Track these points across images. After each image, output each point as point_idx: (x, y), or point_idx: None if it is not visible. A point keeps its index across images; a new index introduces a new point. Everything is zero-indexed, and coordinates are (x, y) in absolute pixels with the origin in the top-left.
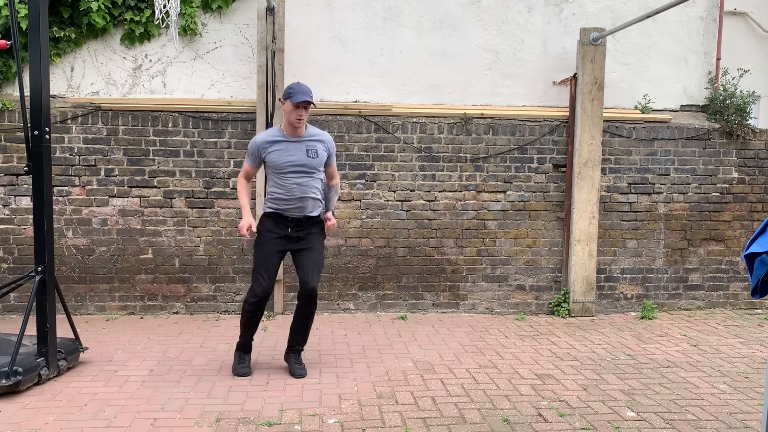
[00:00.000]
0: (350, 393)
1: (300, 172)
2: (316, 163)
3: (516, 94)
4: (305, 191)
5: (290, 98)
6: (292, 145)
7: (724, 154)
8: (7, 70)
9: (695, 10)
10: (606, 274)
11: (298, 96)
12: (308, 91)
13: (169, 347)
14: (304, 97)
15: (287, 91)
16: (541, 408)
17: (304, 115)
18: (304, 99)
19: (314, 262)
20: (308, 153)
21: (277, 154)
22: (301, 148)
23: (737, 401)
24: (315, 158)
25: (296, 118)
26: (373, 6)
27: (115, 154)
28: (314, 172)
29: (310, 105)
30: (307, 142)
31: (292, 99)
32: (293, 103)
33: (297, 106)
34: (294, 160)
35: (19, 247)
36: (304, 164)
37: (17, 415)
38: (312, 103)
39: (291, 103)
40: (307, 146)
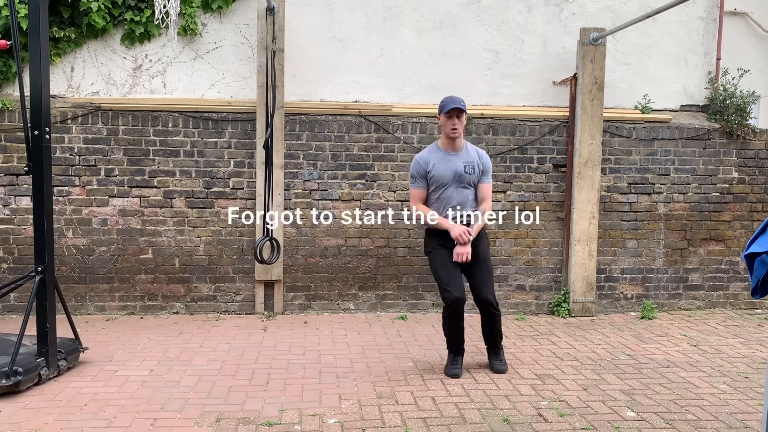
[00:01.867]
0: (350, 393)
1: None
2: (473, 179)
3: (516, 94)
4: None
5: (442, 110)
6: (451, 159)
7: (724, 154)
8: (7, 70)
9: (695, 10)
10: (606, 274)
11: (449, 104)
12: (459, 100)
13: (169, 347)
14: (454, 104)
15: (440, 104)
16: (541, 408)
17: (458, 124)
18: (455, 106)
19: (483, 272)
20: (466, 168)
21: (438, 167)
22: (460, 162)
23: (737, 401)
24: (472, 174)
25: (451, 128)
26: (373, 6)
27: (115, 154)
28: (471, 186)
29: (463, 114)
30: (465, 156)
31: (444, 110)
32: (445, 114)
33: (450, 115)
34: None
35: (19, 247)
36: (462, 179)
37: (17, 415)
38: (464, 111)
39: (443, 115)
40: (466, 161)
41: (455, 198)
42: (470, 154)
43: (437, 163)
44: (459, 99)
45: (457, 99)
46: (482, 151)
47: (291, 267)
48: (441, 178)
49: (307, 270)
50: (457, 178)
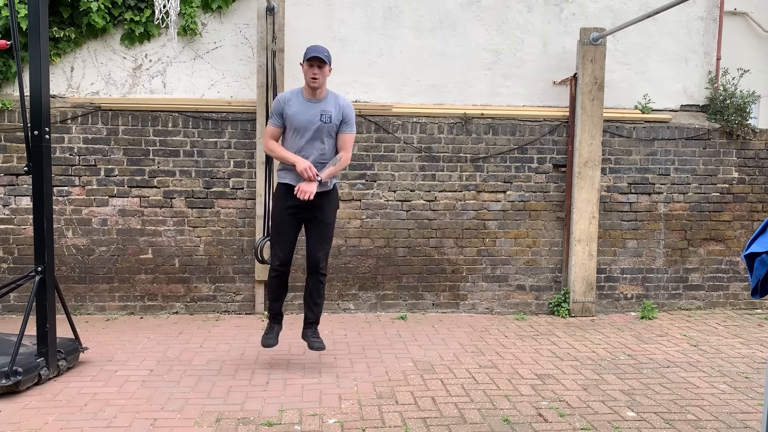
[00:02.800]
0: (350, 393)
1: (312, 136)
2: (329, 128)
3: (516, 94)
4: (317, 157)
5: (304, 57)
6: (309, 106)
7: (724, 154)
8: (7, 70)
9: (695, 10)
10: (606, 274)
11: (310, 52)
12: (323, 50)
13: (169, 347)
14: (315, 53)
15: (304, 54)
16: (541, 408)
17: (318, 73)
18: (315, 55)
19: (322, 234)
20: (321, 117)
21: (293, 111)
22: (317, 110)
23: (737, 401)
24: (328, 123)
25: (311, 77)
26: (373, 6)
27: (115, 154)
28: (327, 137)
29: (325, 64)
30: (323, 105)
31: (305, 57)
32: (306, 61)
33: (311, 64)
34: (307, 121)
35: (19, 247)
36: (316, 127)
37: (17, 415)
38: (324, 62)
39: (305, 63)
40: (322, 110)
41: (310, 150)
42: (329, 103)
43: (295, 107)
44: (323, 48)
45: (321, 48)
46: (346, 100)
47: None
48: (296, 122)
49: None
50: (312, 126)
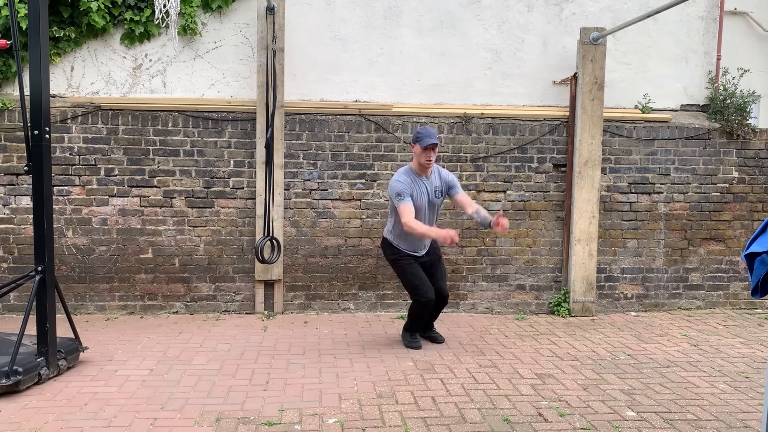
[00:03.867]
0: (350, 393)
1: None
2: (441, 202)
3: (516, 93)
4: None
5: (419, 142)
6: (423, 187)
7: (724, 154)
8: (7, 70)
9: (695, 10)
10: (606, 273)
11: (426, 139)
12: (434, 134)
13: (169, 347)
14: (431, 140)
15: (416, 135)
16: (541, 408)
17: (432, 156)
18: (433, 142)
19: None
20: (435, 193)
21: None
22: (431, 187)
23: (737, 401)
24: (439, 198)
25: (427, 159)
26: (373, 5)
27: (115, 153)
28: (437, 208)
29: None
30: (433, 182)
31: (421, 143)
32: (422, 147)
33: (427, 148)
34: (426, 200)
35: (19, 247)
36: (432, 203)
37: (17, 415)
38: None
39: (420, 147)
40: (435, 187)
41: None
42: (436, 180)
43: (414, 187)
44: (434, 132)
45: (433, 133)
46: (444, 170)
47: (291, 267)
48: (416, 201)
49: (307, 270)
50: (429, 201)
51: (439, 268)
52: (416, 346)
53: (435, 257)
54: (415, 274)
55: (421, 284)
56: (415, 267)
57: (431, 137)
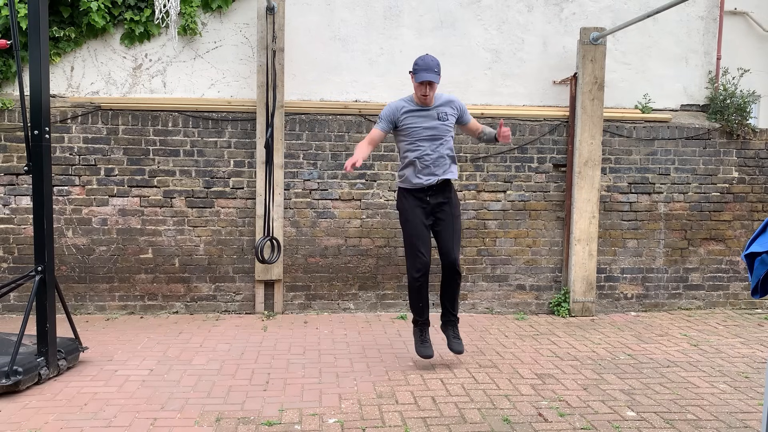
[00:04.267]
0: (350, 393)
1: (433, 138)
2: (448, 127)
3: (516, 93)
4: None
5: (415, 75)
6: (423, 113)
7: (724, 154)
8: (7, 70)
9: (695, 10)
10: (606, 273)
11: (421, 75)
12: (432, 66)
13: (169, 347)
14: (426, 76)
15: (413, 66)
16: (542, 408)
17: (428, 92)
18: (426, 78)
19: (453, 231)
20: (438, 116)
21: (410, 119)
22: (433, 115)
23: (737, 401)
24: (446, 121)
25: (422, 94)
26: (373, 5)
27: (115, 153)
28: (445, 136)
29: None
30: (437, 108)
31: (416, 78)
32: (417, 82)
33: (421, 83)
34: (427, 127)
35: (19, 247)
36: (435, 129)
37: (17, 415)
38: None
39: (415, 81)
40: (438, 112)
41: (430, 155)
42: (442, 103)
43: (410, 115)
44: (433, 64)
45: (432, 65)
46: (453, 96)
47: (291, 267)
48: (414, 130)
49: (307, 270)
50: (431, 129)
51: (450, 225)
52: (424, 354)
53: (448, 208)
54: (414, 230)
55: (415, 243)
56: (418, 218)
57: (428, 71)
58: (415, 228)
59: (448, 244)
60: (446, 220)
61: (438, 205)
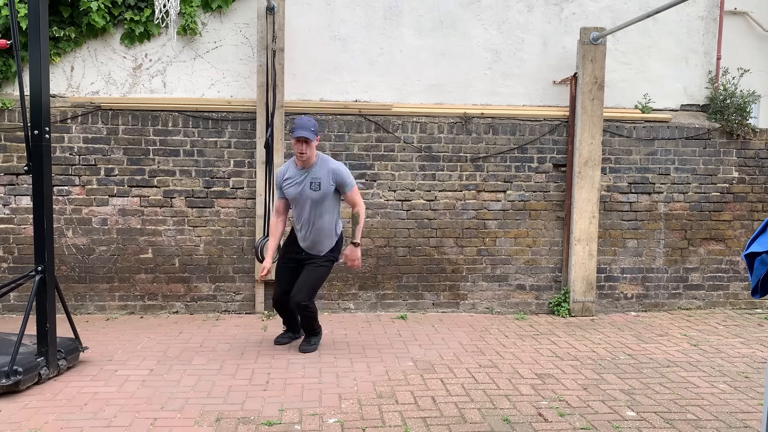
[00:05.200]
0: (350, 392)
1: (307, 205)
2: (319, 196)
3: (516, 93)
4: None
5: (292, 132)
6: (300, 177)
7: (724, 154)
8: (7, 70)
9: (695, 10)
10: (606, 273)
11: (296, 131)
12: (308, 125)
13: (169, 347)
14: (300, 133)
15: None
16: (542, 407)
17: (304, 148)
18: (299, 135)
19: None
20: (311, 185)
21: (288, 187)
22: (307, 180)
23: (737, 401)
24: (317, 191)
25: (298, 152)
26: (373, 5)
27: (115, 153)
28: (321, 205)
29: (311, 140)
30: (312, 176)
31: (293, 134)
32: (293, 138)
33: (297, 140)
34: (300, 192)
35: (19, 247)
36: (308, 197)
37: (17, 415)
38: (308, 139)
39: (293, 138)
40: (312, 179)
41: (305, 215)
42: (319, 171)
43: (289, 178)
44: (308, 124)
45: (307, 124)
46: (337, 164)
47: None
48: (291, 193)
49: None
50: (305, 194)
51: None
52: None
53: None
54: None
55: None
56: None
57: (301, 128)
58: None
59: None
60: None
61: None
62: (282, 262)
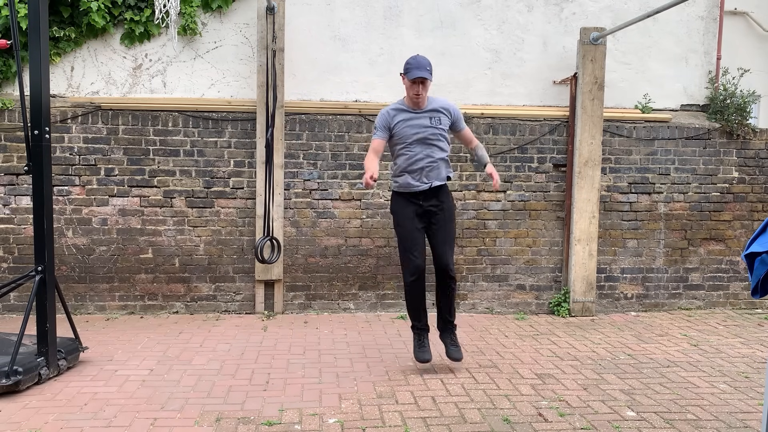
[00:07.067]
0: (350, 393)
1: (425, 142)
2: (440, 132)
3: (516, 93)
4: (432, 160)
5: (407, 74)
6: (415, 116)
7: (724, 154)
8: (7, 70)
9: (695, 10)
10: (606, 273)
11: (414, 72)
12: (425, 65)
13: (169, 347)
14: (419, 74)
15: (405, 66)
16: (542, 407)
17: (421, 90)
18: (419, 75)
19: (446, 236)
20: (431, 121)
21: (402, 125)
22: (425, 118)
23: (737, 401)
24: (438, 125)
25: (414, 93)
26: (373, 5)
27: (115, 153)
28: (438, 140)
29: (428, 81)
30: (430, 112)
31: (408, 75)
32: (409, 80)
33: (414, 82)
34: (418, 131)
35: (19, 247)
36: (427, 134)
37: (17, 415)
38: (428, 79)
39: (408, 80)
40: (431, 116)
41: (422, 159)
42: (435, 107)
43: (402, 121)
44: (425, 63)
45: (423, 63)
46: (449, 102)
47: (291, 266)
48: (406, 135)
49: (307, 270)
50: (423, 134)
51: (443, 229)
52: (421, 359)
53: (441, 213)
54: (407, 234)
55: (409, 247)
56: (411, 223)
57: (420, 69)
58: (407, 231)
59: (440, 248)
60: (438, 225)
61: (431, 208)
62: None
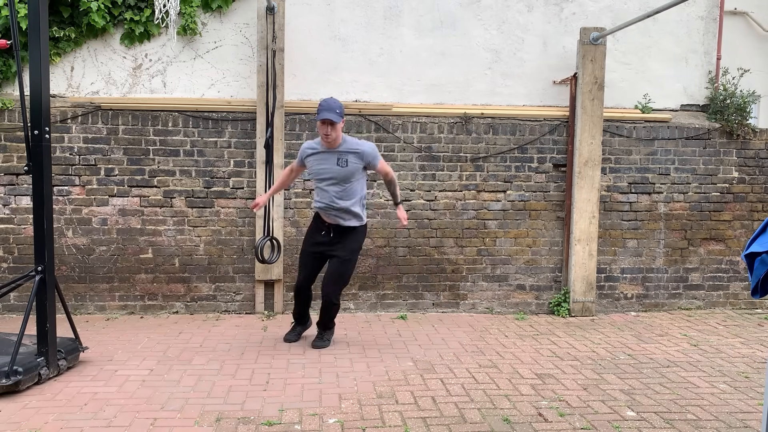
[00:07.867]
0: (350, 393)
1: (332, 181)
2: (346, 173)
3: (516, 93)
4: (339, 201)
5: (317, 115)
6: (326, 156)
7: (724, 154)
8: (7, 70)
9: (695, 10)
10: (606, 273)
11: (323, 113)
12: (335, 107)
13: (169, 347)
14: (327, 115)
15: (318, 107)
16: (541, 407)
17: (330, 131)
18: (326, 117)
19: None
20: (338, 162)
21: (313, 160)
22: (333, 158)
23: (737, 401)
24: (344, 167)
25: (324, 134)
26: (373, 5)
27: (115, 153)
28: (346, 181)
29: (336, 123)
30: (340, 153)
31: (317, 117)
32: (318, 120)
33: (323, 122)
34: (326, 170)
35: (19, 247)
36: (335, 174)
37: (17, 415)
38: (334, 122)
39: (318, 120)
40: (339, 156)
41: (328, 197)
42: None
43: (314, 156)
44: (335, 106)
45: (333, 105)
46: (363, 143)
47: (291, 266)
48: (317, 173)
49: None
50: (329, 173)
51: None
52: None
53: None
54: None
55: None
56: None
57: (329, 111)
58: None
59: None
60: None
61: (334, 241)
62: (307, 248)
